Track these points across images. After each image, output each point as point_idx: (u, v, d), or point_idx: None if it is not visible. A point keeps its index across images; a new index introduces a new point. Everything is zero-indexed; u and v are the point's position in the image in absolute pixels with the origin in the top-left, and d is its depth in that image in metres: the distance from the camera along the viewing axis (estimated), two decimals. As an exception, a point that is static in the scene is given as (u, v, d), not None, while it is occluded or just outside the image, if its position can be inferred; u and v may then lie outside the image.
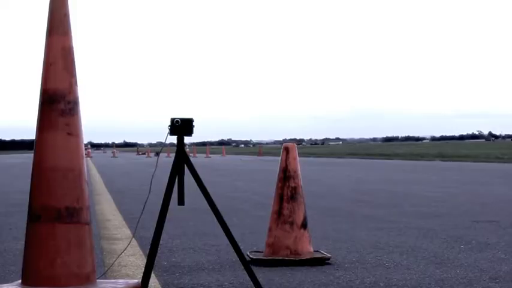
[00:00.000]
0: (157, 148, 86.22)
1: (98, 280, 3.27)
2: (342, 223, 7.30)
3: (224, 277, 4.34)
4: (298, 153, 4.96)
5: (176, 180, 3.75)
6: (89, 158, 46.54)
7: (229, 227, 3.81)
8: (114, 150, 65.09)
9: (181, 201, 3.79)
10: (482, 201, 10.08)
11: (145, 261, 4.16)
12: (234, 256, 4.55)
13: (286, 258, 4.75)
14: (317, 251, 4.97)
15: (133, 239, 5.55)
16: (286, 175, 4.85)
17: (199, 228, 6.83)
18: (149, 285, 3.76)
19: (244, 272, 3.87)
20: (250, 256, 4.84)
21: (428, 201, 10.12)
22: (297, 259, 4.75)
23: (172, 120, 3.72)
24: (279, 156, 4.98)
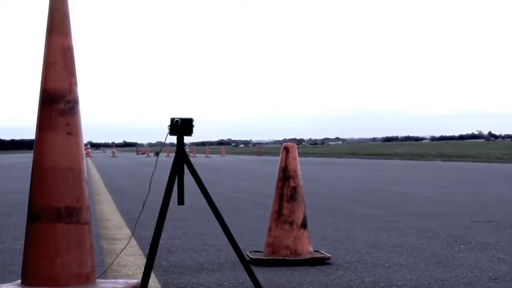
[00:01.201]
0: (157, 148, 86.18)
1: (97, 280, 3.27)
2: (342, 223, 7.29)
3: (224, 277, 4.34)
4: (298, 153, 4.96)
5: (176, 180, 3.75)
6: (88, 158, 46.52)
7: (229, 227, 3.81)
8: (114, 150, 64.98)
9: (181, 201, 3.79)
10: (482, 201, 10.07)
11: (145, 261, 4.16)
12: (234, 256, 4.55)
13: (286, 258, 4.75)
14: (317, 251, 4.97)
15: (132, 238, 5.55)
16: (286, 175, 4.85)
17: (199, 228, 6.82)
18: (149, 285, 3.76)
19: (244, 272, 3.87)
20: (250, 256, 4.83)
21: (428, 201, 10.11)
22: (296, 259, 4.75)
23: (172, 120, 3.72)
24: (279, 156, 4.98)
